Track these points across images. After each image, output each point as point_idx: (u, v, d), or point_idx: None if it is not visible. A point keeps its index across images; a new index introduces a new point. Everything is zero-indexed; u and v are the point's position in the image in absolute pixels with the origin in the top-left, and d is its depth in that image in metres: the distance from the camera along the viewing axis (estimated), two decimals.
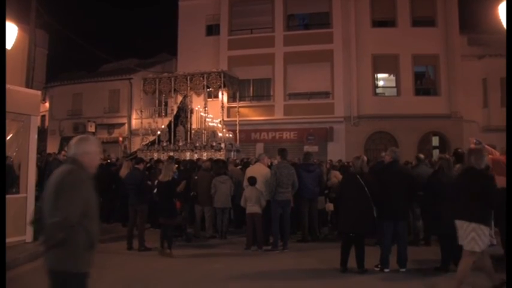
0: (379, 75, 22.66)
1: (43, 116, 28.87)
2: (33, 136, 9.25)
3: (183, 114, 17.76)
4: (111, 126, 27.83)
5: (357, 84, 21.63)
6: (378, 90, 22.58)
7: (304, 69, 22.02)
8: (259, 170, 9.45)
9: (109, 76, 28.73)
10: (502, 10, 8.45)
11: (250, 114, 21.40)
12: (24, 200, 8.90)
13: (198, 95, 17.71)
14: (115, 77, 28.22)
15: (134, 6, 66.79)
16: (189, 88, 16.88)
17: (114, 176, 12.22)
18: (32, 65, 14.18)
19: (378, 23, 22.39)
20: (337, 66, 21.84)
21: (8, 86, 8.00)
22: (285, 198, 9.00)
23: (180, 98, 18.07)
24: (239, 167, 12.21)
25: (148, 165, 11.72)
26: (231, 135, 17.28)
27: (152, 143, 17.12)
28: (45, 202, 3.34)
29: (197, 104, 18.60)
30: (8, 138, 8.76)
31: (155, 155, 15.66)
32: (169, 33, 52.07)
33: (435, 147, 21.53)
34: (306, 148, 19.61)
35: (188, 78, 16.77)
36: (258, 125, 21.55)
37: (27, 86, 12.92)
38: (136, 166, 9.78)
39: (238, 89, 18.74)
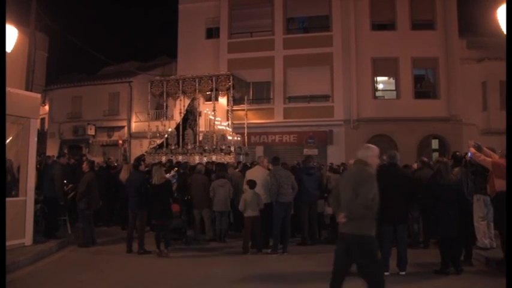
0: (379, 78, 22.64)
1: (43, 119, 28.83)
2: (33, 139, 9.25)
3: (191, 117, 17.64)
4: (111, 129, 27.80)
5: (356, 87, 21.62)
6: (378, 93, 22.57)
7: (304, 72, 22.01)
8: (258, 173, 9.45)
9: (109, 79, 28.71)
10: (501, 13, 8.45)
11: (249, 117, 21.37)
12: (23, 203, 8.89)
13: (206, 97, 17.66)
14: (115, 80, 28.19)
15: (134, 9, 66.95)
16: (197, 90, 16.80)
17: (114, 179, 12.22)
18: (32, 68, 14.21)
19: (377, 26, 22.41)
20: (336, 69, 21.84)
21: (7, 88, 8.01)
22: (287, 200, 9.02)
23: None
24: (238, 169, 12.20)
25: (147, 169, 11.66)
26: (239, 138, 17.24)
27: (160, 146, 17.01)
28: (343, 189, 5.04)
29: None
30: (8, 141, 8.76)
31: (163, 158, 15.59)
32: (169, 36, 52.15)
33: (435, 150, 21.53)
34: (306, 151, 19.60)
35: (196, 80, 16.64)
36: (257, 128, 21.52)
37: (27, 89, 12.94)
38: (137, 169, 9.76)
39: (246, 92, 18.66)
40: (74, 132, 28.35)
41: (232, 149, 15.56)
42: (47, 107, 29.63)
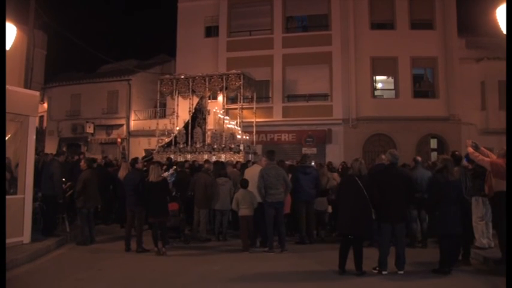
0: (378, 78, 22.65)
1: (41, 117, 28.79)
2: (32, 137, 9.24)
3: (200, 116, 17.60)
4: (110, 127, 27.78)
5: (355, 86, 21.63)
6: (377, 93, 22.59)
7: (303, 71, 22.04)
8: (256, 171, 9.45)
9: (108, 77, 28.69)
10: (500, 13, 8.46)
11: (248, 115, 21.45)
12: (21, 201, 8.88)
13: (216, 96, 17.71)
14: (114, 78, 28.18)
15: (133, 7, 66.87)
16: (207, 89, 16.77)
17: (112, 177, 12.21)
18: (31, 66, 14.16)
19: (376, 26, 22.41)
20: (335, 68, 21.85)
21: (6, 86, 7.99)
22: (275, 200, 8.91)
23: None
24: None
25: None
26: (248, 137, 17.21)
27: (168, 144, 16.94)
28: None
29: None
30: (6, 138, 8.74)
31: (171, 157, 15.57)
32: (168, 34, 52.05)
33: (433, 150, 21.55)
34: (305, 150, 19.60)
35: (206, 79, 16.63)
36: (256, 127, 21.54)
37: (25, 87, 12.90)
38: (135, 167, 9.75)
39: (255, 90, 18.66)
40: (72, 130, 28.32)
41: (241, 147, 15.52)
42: (45, 105, 29.61)
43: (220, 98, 19.16)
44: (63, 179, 10.56)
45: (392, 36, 21.70)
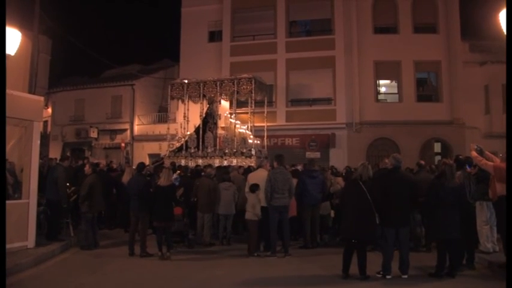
0: (381, 82, 22.67)
1: (45, 122, 28.87)
2: (36, 142, 9.27)
3: (211, 120, 17.58)
4: (114, 132, 27.82)
5: (359, 90, 21.63)
6: (380, 97, 22.58)
7: (306, 76, 22.06)
8: (260, 176, 9.45)
9: (111, 82, 28.78)
10: (502, 17, 8.45)
11: (255, 120, 21.50)
12: (26, 206, 8.91)
13: (226, 100, 17.80)
14: (117, 83, 28.28)
15: (137, 12, 67.15)
16: (218, 94, 16.81)
17: (115, 181, 12.24)
18: (35, 71, 14.24)
19: (379, 30, 22.43)
20: (339, 73, 21.84)
21: (11, 91, 8.04)
22: (281, 204, 8.95)
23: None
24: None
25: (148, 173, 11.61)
26: (258, 142, 17.19)
27: (179, 149, 16.87)
28: None
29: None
30: (11, 144, 8.79)
31: (183, 162, 15.57)
32: (171, 39, 52.22)
33: (437, 154, 21.49)
34: (308, 154, 19.60)
35: (218, 83, 16.64)
36: (260, 131, 21.57)
37: (30, 92, 12.97)
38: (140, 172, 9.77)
39: (267, 95, 18.61)
40: (76, 135, 28.40)
41: (253, 152, 15.54)
42: (49, 110, 29.70)
43: (225, 102, 19.14)
44: (68, 184, 10.59)
45: (396, 40, 21.73)
